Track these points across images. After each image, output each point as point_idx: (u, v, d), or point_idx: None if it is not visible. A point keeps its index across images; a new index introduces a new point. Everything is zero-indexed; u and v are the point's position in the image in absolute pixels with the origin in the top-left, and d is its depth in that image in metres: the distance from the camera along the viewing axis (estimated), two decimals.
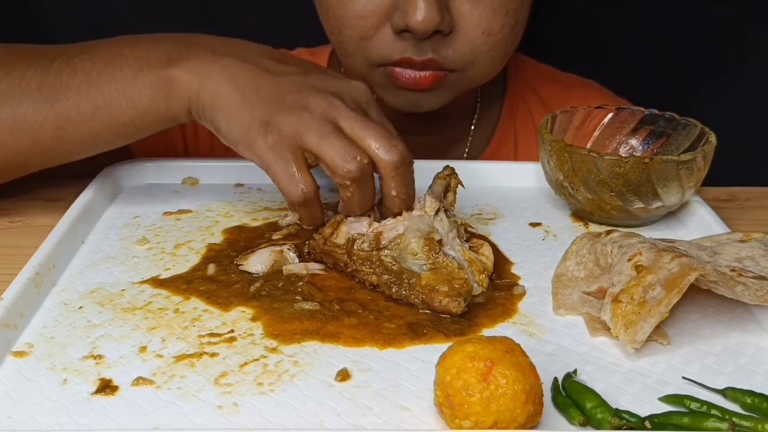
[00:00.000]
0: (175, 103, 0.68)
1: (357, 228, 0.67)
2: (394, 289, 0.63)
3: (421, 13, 0.77)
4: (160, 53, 0.69)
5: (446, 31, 0.81)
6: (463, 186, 0.72)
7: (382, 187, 0.66)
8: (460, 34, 0.82)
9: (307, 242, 0.70)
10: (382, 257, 0.64)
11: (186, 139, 0.98)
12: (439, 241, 0.65)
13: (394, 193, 0.65)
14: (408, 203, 0.66)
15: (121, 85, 0.69)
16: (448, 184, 0.71)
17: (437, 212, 0.67)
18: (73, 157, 0.75)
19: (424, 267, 0.63)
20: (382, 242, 0.65)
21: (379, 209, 0.69)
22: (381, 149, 0.64)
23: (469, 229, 0.74)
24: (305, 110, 0.64)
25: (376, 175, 0.66)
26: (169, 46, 0.70)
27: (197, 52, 0.69)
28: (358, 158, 0.63)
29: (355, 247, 0.66)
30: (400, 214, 0.66)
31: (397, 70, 0.84)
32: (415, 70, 0.83)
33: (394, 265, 0.64)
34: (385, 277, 0.64)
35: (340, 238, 0.67)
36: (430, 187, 0.70)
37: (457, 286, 0.62)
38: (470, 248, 0.67)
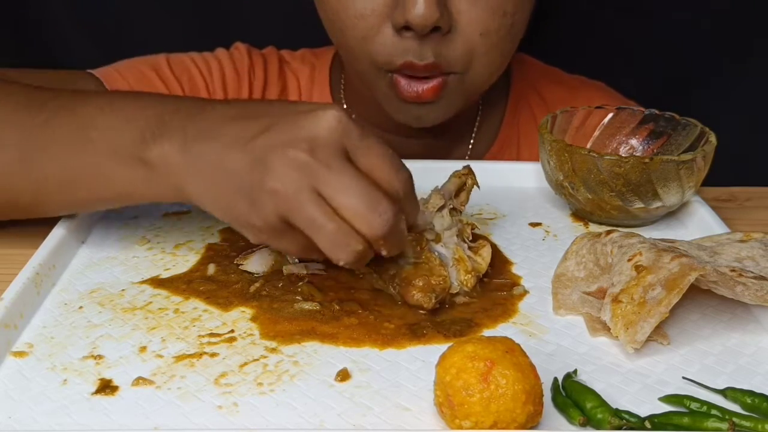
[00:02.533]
0: (160, 188, 0.63)
1: None
2: (375, 278, 0.64)
3: (420, 8, 0.77)
4: (133, 130, 0.63)
5: (445, 29, 0.80)
6: (478, 186, 0.72)
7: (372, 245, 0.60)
8: (459, 33, 0.81)
9: None
10: None
11: None
12: (435, 238, 0.65)
13: (384, 253, 0.60)
14: (398, 251, 0.62)
15: (97, 164, 0.64)
16: (463, 183, 0.71)
17: (440, 209, 0.67)
18: (51, 216, 0.71)
19: (409, 260, 0.64)
20: None
21: None
22: (363, 221, 0.57)
23: (475, 230, 0.73)
24: (276, 185, 0.57)
25: None
26: (141, 121, 0.63)
27: (172, 135, 0.62)
28: (351, 247, 0.57)
29: None
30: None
31: (402, 81, 0.83)
32: (417, 82, 0.83)
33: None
34: (369, 266, 0.64)
35: None
36: (444, 184, 0.70)
37: (433, 282, 0.62)
38: (469, 248, 0.67)
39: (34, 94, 0.69)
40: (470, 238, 0.68)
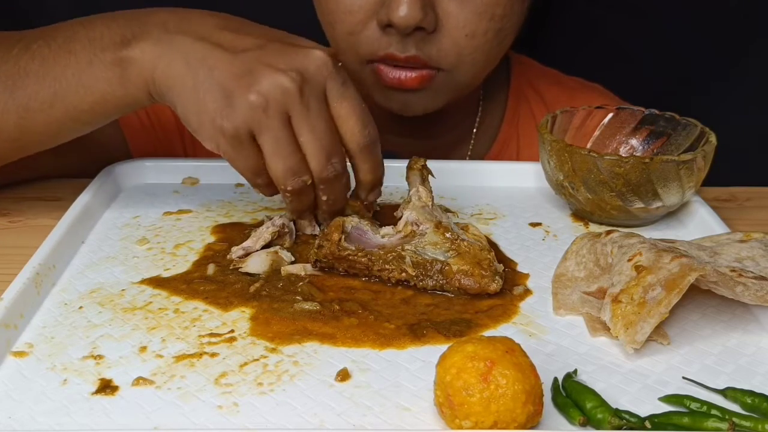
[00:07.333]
0: (132, 86, 0.67)
1: (366, 233, 0.69)
2: (429, 283, 0.64)
3: (403, 9, 0.78)
4: (113, 34, 0.67)
5: (430, 29, 0.81)
6: (433, 176, 0.74)
7: (316, 193, 0.68)
8: (445, 33, 0.83)
9: (314, 251, 0.68)
10: (403, 253, 0.65)
11: (185, 142, 0.98)
12: (447, 227, 0.67)
13: (323, 197, 0.68)
14: (335, 209, 0.70)
15: (77, 71, 0.68)
16: (422, 174, 0.72)
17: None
18: (38, 148, 0.74)
19: (448, 254, 0.65)
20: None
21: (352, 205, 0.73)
22: (317, 163, 0.64)
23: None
24: (259, 99, 0.62)
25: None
26: (122, 25, 0.68)
27: (150, 31, 0.66)
28: (302, 179, 0.65)
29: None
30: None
31: (383, 68, 0.84)
32: (400, 69, 0.84)
33: (416, 257, 0.65)
34: (413, 271, 0.65)
35: (351, 243, 0.67)
36: (408, 180, 0.72)
37: (485, 266, 0.64)
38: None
39: (7, 33, 0.73)
40: None
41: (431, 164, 0.74)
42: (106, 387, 0.53)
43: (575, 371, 0.55)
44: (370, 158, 0.68)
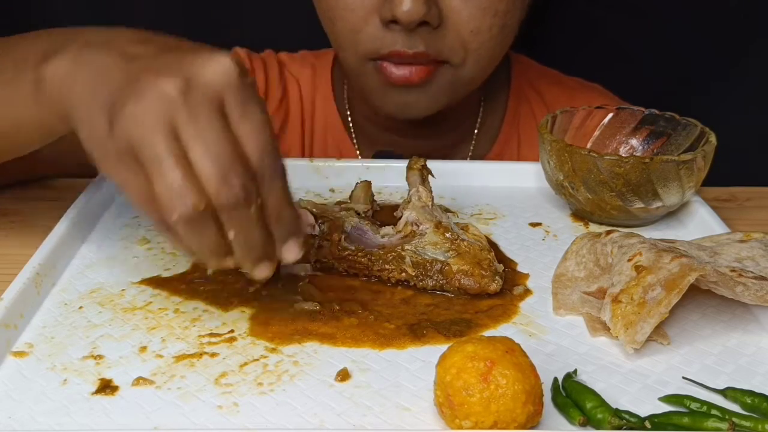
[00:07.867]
0: (44, 108, 0.58)
1: (366, 233, 0.69)
2: (429, 283, 0.64)
3: (407, 4, 0.78)
4: (37, 51, 0.60)
5: (434, 24, 0.81)
6: (433, 176, 0.73)
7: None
8: (450, 29, 0.82)
9: (314, 251, 0.68)
10: (403, 253, 0.65)
11: None
12: (446, 227, 0.67)
13: (230, 234, 0.52)
14: (248, 252, 0.54)
15: (5, 93, 0.61)
16: (422, 174, 0.72)
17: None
18: None
19: (448, 254, 0.65)
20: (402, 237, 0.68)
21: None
22: (209, 182, 0.50)
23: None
24: (136, 109, 0.51)
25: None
26: (47, 41, 0.61)
27: (69, 47, 0.57)
28: (191, 202, 0.50)
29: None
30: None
31: (387, 65, 0.84)
32: (406, 66, 0.83)
33: (416, 257, 0.65)
34: (413, 271, 0.65)
35: (350, 243, 0.67)
36: (408, 180, 0.72)
37: (485, 266, 0.64)
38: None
39: None
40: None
41: (431, 164, 0.74)
42: (106, 387, 0.53)
43: (575, 371, 0.55)
44: (273, 193, 0.53)
